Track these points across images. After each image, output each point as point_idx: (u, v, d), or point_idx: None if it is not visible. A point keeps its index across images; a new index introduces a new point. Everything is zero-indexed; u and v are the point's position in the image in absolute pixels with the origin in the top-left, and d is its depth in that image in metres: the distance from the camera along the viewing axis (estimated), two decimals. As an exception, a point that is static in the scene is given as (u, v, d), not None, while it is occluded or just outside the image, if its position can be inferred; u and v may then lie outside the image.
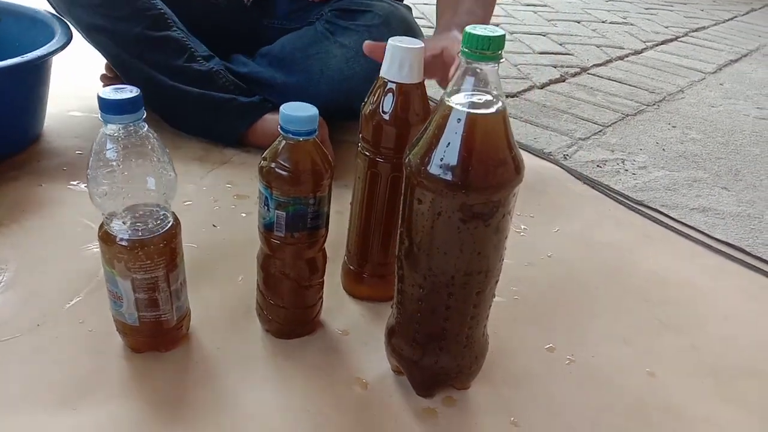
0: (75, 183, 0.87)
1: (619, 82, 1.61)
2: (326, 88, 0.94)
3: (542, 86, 1.52)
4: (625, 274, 0.81)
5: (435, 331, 0.54)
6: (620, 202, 0.99)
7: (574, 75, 1.63)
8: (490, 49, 0.45)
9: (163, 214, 0.56)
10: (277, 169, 0.54)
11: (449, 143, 0.47)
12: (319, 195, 0.55)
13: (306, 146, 0.54)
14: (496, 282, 0.54)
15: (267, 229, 0.57)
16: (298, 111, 0.53)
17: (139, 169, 0.52)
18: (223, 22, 0.71)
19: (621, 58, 1.82)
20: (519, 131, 1.24)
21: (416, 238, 0.51)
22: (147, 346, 0.60)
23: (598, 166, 1.13)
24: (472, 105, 0.47)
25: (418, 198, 0.49)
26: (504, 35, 0.45)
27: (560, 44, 1.88)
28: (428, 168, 0.47)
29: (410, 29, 0.97)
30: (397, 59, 0.57)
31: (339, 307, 0.69)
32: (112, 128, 0.50)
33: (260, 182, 0.55)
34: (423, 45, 0.58)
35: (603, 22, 2.21)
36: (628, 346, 0.68)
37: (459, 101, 0.47)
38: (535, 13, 2.23)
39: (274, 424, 0.55)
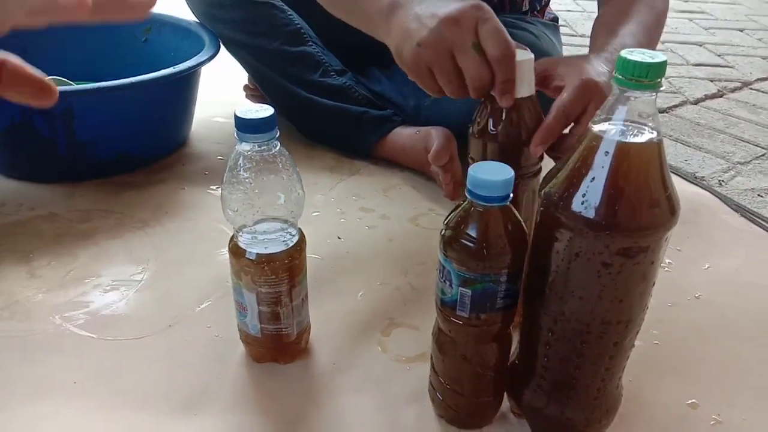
0: (214, 188, 0.91)
1: (789, 100, 1.43)
2: (457, 116, 0.90)
3: (696, 101, 1.39)
4: (789, 325, 0.71)
5: (563, 380, 0.50)
6: (786, 240, 0.87)
7: (734, 90, 1.48)
8: (648, 76, 0.40)
9: (290, 230, 0.56)
10: (463, 241, 0.46)
11: (594, 177, 0.42)
12: (512, 271, 0.47)
13: (498, 214, 0.46)
14: (637, 332, 0.49)
15: (448, 307, 0.49)
16: (492, 174, 0.45)
17: (270, 185, 0.53)
18: (359, 35, 0.70)
19: (791, 71, 1.63)
20: (668, 151, 1.13)
21: (548, 278, 0.47)
22: (267, 356, 0.61)
23: (759, 195, 1.00)
24: (624, 135, 0.42)
25: (554, 235, 0.45)
26: (665, 62, 0.40)
27: (719, 55, 1.71)
28: (568, 203, 0.43)
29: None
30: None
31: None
32: (246, 146, 0.51)
33: (441, 253, 0.48)
34: (532, 56, 0.54)
35: (771, 30, 2.00)
36: (790, 413, 0.59)
37: (608, 130, 0.42)
38: (691, 20, 2.06)
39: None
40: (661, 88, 0.41)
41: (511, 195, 0.46)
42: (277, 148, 0.52)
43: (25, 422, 0.54)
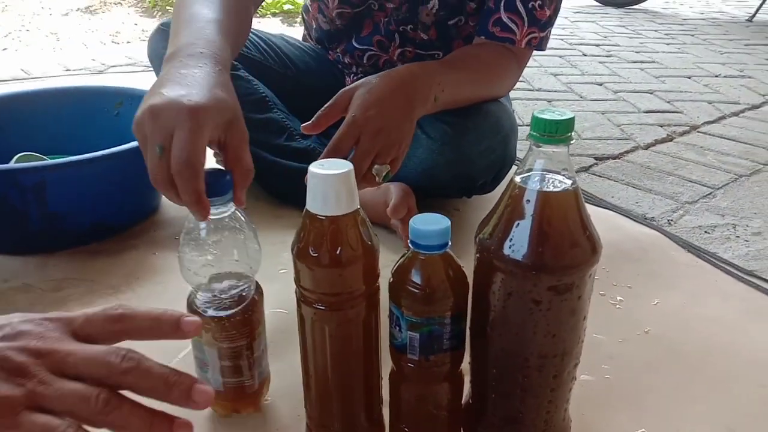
0: (184, 250, 0.94)
1: (733, 140, 1.51)
2: (413, 173, 0.96)
3: (647, 146, 1.47)
4: (733, 355, 0.75)
5: (511, 414, 0.53)
6: (729, 273, 0.92)
7: (683, 134, 1.56)
8: (558, 131, 0.45)
9: (248, 286, 0.59)
10: (408, 287, 0.50)
11: (518, 223, 0.47)
12: (456, 313, 0.51)
13: (439, 261, 0.50)
14: (576, 365, 0.52)
15: (399, 350, 0.53)
16: (430, 224, 0.49)
17: (225, 244, 0.55)
18: (322, 100, 0.75)
19: (736, 114, 1.72)
20: (619, 195, 1.19)
21: (489, 318, 0.50)
22: (228, 408, 0.63)
23: (706, 232, 1.06)
24: (543, 185, 0.47)
25: (489, 277, 0.49)
26: (572, 118, 0.45)
27: (668, 102, 1.81)
28: (498, 247, 0.48)
29: (499, 130, 0.94)
30: (319, 189, 0.48)
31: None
32: None
33: (390, 301, 0.52)
34: (350, 169, 0.48)
35: (717, 76, 2.11)
36: (733, 437, 0.63)
37: (529, 181, 0.47)
38: (642, 70, 2.17)
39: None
40: (572, 142, 0.46)
41: (450, 243, 0.50)
42: (231, 210, 0.55)
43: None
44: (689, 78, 2.08)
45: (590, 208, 0.49)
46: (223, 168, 0.56)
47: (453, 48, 1.01)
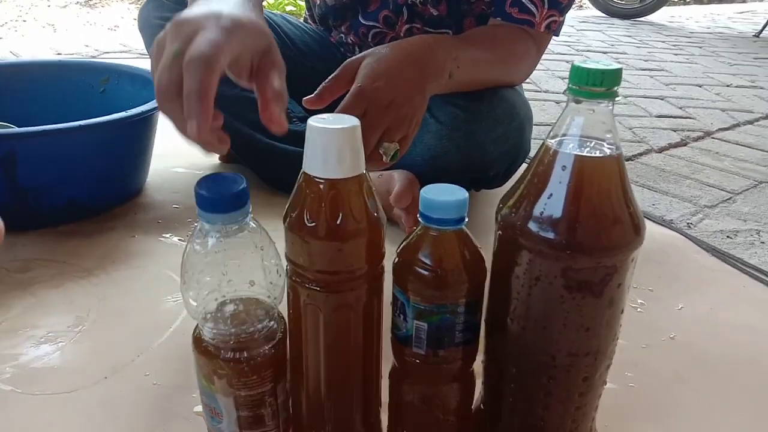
0: (167, 235, 0.87)
1: (749, 147, 1.45)
2: (420, 160, 0.89)
3: (660, 150, 1.40)
4: (765, 363, 0.67)
5: (531, 422, 0.45)
6: (757, 278, 0.85)
7: (697, 139, 1.50)
8: (603, 84, 0.38)
9: (270, 319, 0.46)
10: (417, 269, 0.43)
11: (552, 194, 0.40)
12: (470, 301, 0.43)
13: (453, 238, 0.43)
14: (608, 367, 0.45)
15: (402, 343, 0.45)
16: (444, 195, 0.42)
17: (241, 267, 0.43)
18: (320, 81, 0.68)
19: (750, 122, 1.66)
20: (635, 197, 1.12)
21: (510, 308, 0.43)
22: None
23: (728, 237, 0.99)
24: (581, 149, 0.39)
25: (513, 259, 0.42)
26: (620, 69, 0.38)
27: (680, 107, 1.75)
28: (525, 223, 0.40)
29: (515, 116, 0.87)
30: (319, 147, 0.40)
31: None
32: (209, 226, 0.41)
33: (395, 285, 0.45)
34: (357, 123, 0.41)
35: (728, 86, 2.06)
36: (776, 456, 0.55)
37: (564, 144, 0.40)
38: (652, 77, 2.11)
39: None
40: (617, 99, 0.39)
41: (467, 218, 0.43)
42: (250, 224, 0.42)
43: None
44: (700, 86, 2.02)
45: None
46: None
47: (464, 27, 0.94)
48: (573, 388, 0.43)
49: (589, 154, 0.39)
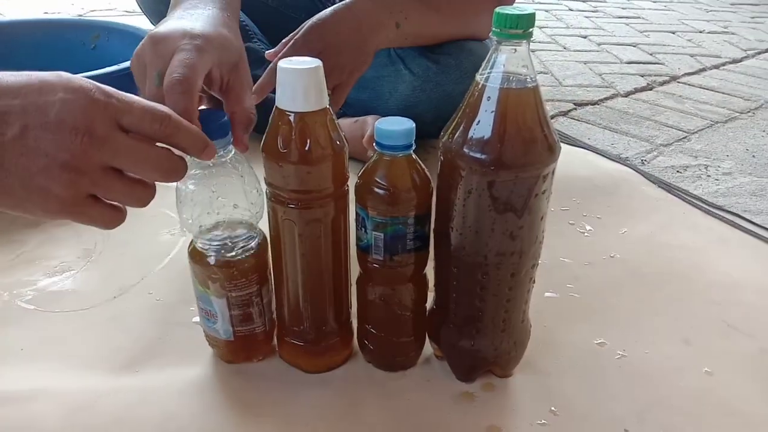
0: (162, 180, 0.95)
1: (711, 90, 1.53)
2: (395, 109, 0.96)
3: (626, 94, 1.48)
4: (693, 276, 0.77)
5: (471, 313, 0.55)
6: (697, 207, 0.94)
7: (663, 84, 1.57)
8: (519, 27, 0.46)
9: (253, 232, 0.56)
10: (374, 188, 0.51)
11: (480, 121, 0.48)
12: (419, 214, 0.52)
13: (403, 162, 0.51)
14: (534, 266, 0.54)
15: (364, 251, 0.54)
16: (394, 125, 0.50)
17: (225, 190, 0.52)
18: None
19: (716, 66, 1.73)
20: (596, 137, 1.21)
21: (449, 218, 0.52)
22: (241, 358, 0.60)
23: (678, 171, 1.08)
24: (503, 83, 0.47)
25: (450, 178, 0.50)
26: (534, 14, 0.46)
27: (650, 54, 1.81)
28: (460, 147, 0.49)
29: (478, 64, 0.92)
30: (288, 85, 0.48)
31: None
32: None
33: (357, 204, 0.53)
34: (318, 65, 0.48)
35: (700, 32, 2.12)
36: (687, 346, 0.65)
37: (489, 79, 0.48)
38: (627, 24, 2.17)
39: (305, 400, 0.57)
40: (532, 39, 0.47)
41: (414, 145, 0.52)
42: (231, 153, 0.51)
43: (-28, 385, 0.57)
44: (673, 33, 2.08)
45: (566, 147, 0.50)
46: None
47: None
48: (503, 283, 0.53)
49: (509, 86, 0.47)
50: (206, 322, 0.58)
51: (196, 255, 0.55)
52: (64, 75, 0.41)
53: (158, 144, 0.44)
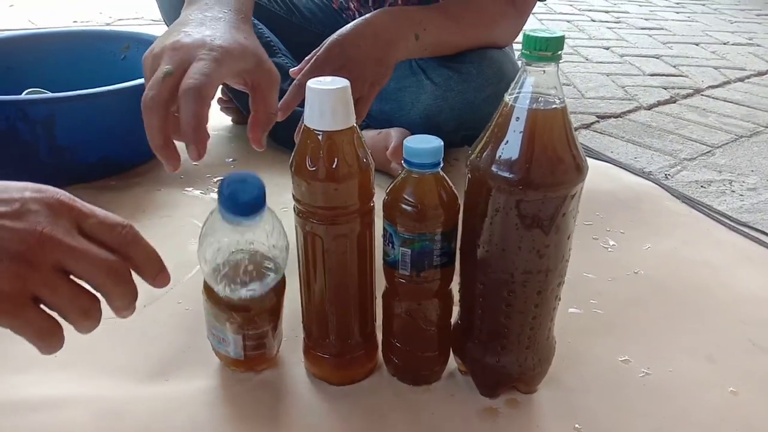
0: (189, 189, 0.97)
1: (736, 104, 1.52)
2: (416, 119, 0.97)
3: (649, 107, 1.47)
4: (718, 293, 0.77)
5: (496, 329, 0.55)
6: (721, 223, 0.94)
7: (686, 96, 1.56)
8: (548, 50, 0.46)
9: (275, 274, 0.57)
10: (402, 205, 0.52)
11: (508, 141, 0.49)
12: (446, 230, 0.53)
13: (431, 180, 0.52)
14: (560, 284, 0.55)
15: (391, 267, 0.55)
16: (423, 143, 0.51)
17: (252, 248, 0.54)
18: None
19: (741, 79, 1.72)
20: (619, 150, 1.21)
21: (476, 236, 0.52)
22: (243, 367, 0.62)
23: (701, 186, 1.08)
24: (532, 103, 0.48)
25: (478, 196, 0.51)
26: (563, 36, 0.47)
27: (674, 66, 1.81)
28: (487, 165, 0.49)
29: (503, 77, 0.93)
30: (316, 104, 0.49)
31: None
32: (230, 226, 0.51)
33: (384, 220, 0.54)
34: (346, 85, 0.50)
35: (725, 44, 2.10)
36: (711, 364, 0.65)
37: (518, 100, 0.49)
38: (650, 36, 2.16)
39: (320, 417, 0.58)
40: (561, 61, 0.48)
41: (442, 163, 0.52)
42: (263, 219, 0.52)
43: (8, 391, 0.59)
44: (697, 45, 2.07)
45: (588, 161, 0.50)
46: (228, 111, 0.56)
47: None
48: (529, 300, 0.53)
49: (537, 107, 0.48)
50: (218, 344, 0.60)
51: (212, 295, 0.56)
52: (32, 184, 0.42)
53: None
